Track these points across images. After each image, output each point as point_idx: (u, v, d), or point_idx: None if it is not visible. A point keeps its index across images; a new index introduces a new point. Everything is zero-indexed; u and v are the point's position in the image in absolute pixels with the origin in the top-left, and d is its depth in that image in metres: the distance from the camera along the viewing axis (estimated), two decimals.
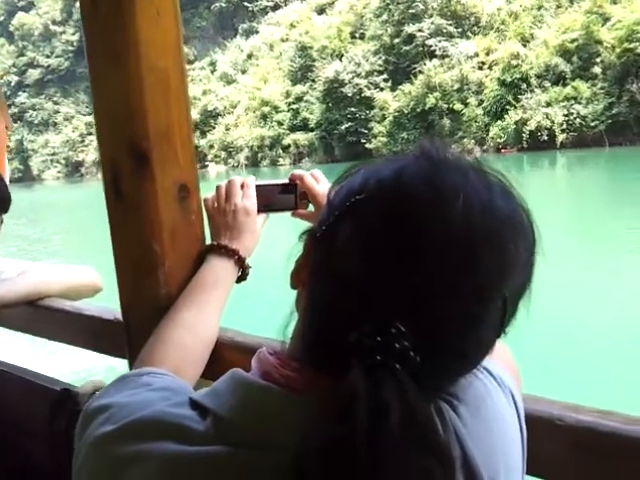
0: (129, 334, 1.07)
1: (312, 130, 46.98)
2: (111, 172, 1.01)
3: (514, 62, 36.20)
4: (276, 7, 67.52)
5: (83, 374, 5.50)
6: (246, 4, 69.61)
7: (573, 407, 0.71)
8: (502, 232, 0.51)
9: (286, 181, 1.10)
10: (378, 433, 0.43)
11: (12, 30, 77.24)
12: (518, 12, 41.27)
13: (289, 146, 48.49)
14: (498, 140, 36.10)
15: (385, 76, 44.04)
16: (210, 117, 57.32)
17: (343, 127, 43.71)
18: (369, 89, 43.71)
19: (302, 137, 47.55)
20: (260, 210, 1.07)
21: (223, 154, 55.06)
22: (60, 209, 33.29)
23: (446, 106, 39.35)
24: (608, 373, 6.07)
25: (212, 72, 64.68)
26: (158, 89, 0.97)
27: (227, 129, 55.00)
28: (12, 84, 73.68)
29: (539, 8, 40.40)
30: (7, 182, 1.50)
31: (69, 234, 21.59)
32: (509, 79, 36.17)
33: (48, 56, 75.95)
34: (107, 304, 1.24)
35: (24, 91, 73.89)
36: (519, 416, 0.62)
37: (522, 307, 0.54)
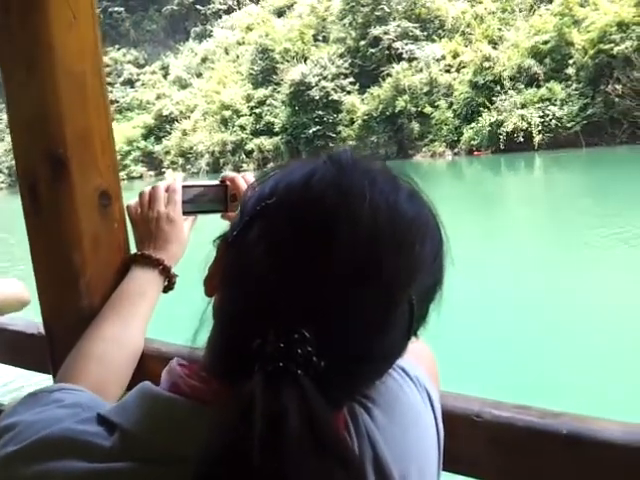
0: (52, 348, 1.03)
1: (277, 134, 45.64)
2: (27, 180, 0.97)
3: (486, 64, 36.13)
4: (229, 10, 66.21)
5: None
6: (198, 7, 67.99)
7: (492, 403, 0.74)
8: (407, 233, 0.52)
9: (216, 182, 1.07)
10: (275, 439, 0.42)
11: None
12: (483, 15, 41.42)
13: (252, 151, 46.98)
14: (472, 143, 35.85)
15: (352, 79, 43.24)
16: (165, 122, 55.18)
17: (310, 131, 42.59)
18: (336, 92, 42.80)
19: (266, 142, 46.13)
20: (187, 212, 1.04)
21: (181, 160, 52.94)
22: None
23: (415, 109, 38.93)
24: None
25: (164, 76, 62.61)
26: (74, 94, 0.95)
27: (184, 134, 52.97)
28: None
29: (504, 11, 40.67)
30: None
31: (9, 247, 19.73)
32: (481, 81, 36.02)
33: None
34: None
35: None
36: (435, 415, 0.63)
37: (433, 310, 0.55)
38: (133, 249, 1.04)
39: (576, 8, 34.57)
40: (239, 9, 64.76)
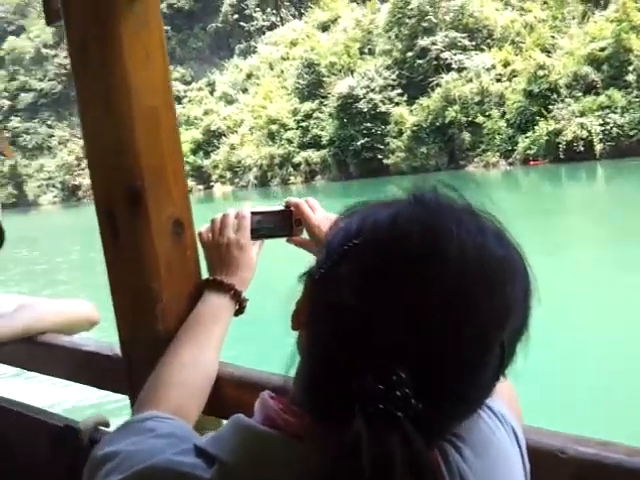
0: (129, 370, 1.08)
1: (324, 147, 45.81)
2: (106, 212, 1.02)
3: (540, 72, 35.55)
4: (272, 27, 67.08)
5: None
6: (242, 24, 69.10)
7: (576, 439, 0.72)
8: (497, 275, 0.52)
9: (281, 207, 1.11)
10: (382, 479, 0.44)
11: (2, 54, 75.70)
12: (533, 24, 40.87)
13: (300, 164, 47.29)
14: (528, 152, 35.23)
15: (399, 90, 43.12)
16: (213, 137, 56.13)
17: (358, 143, 42.60)
18: (384, 104, 42.77)
19: (314, 154, 46.39)
20: (255, 237, 1.08)
21: (228, 174, 53.75)
22: (61, 234, 31.92)
23: (465, 119, 38.54)
24: None
25: (211, 93, 63.71)
26: (149, 128, 0.99)
27: (232, 148, 53.73)
28: (4, 109, 71.98)
29: (555, 19, 40.04)
30: None
31: (71, 263, 20.15)
32: (536, 90, 35.45)
33: (41, 80, 74.48)
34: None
35: (16, 115, 72.15)
36: (521, 452, 0.64)
37: (520, 349, 0.55)
38: (204, 273, 1.08)
39: (634, 13, 33.76)
40: (282, 25, 65.57)
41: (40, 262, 20.19)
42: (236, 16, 68.69)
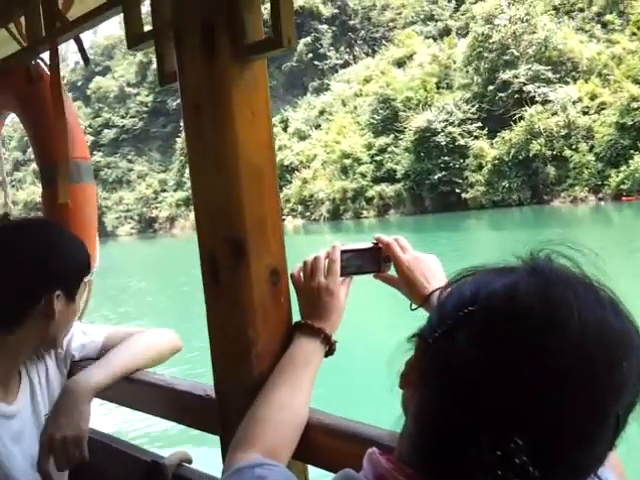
0: (222, 411, 1.12)
1: (399, 181, 45.19)
2: (209, 261, 1.08)
3: (634, 105, 33.86)
4: (345, 64, 67.98)
5: None
6: (316, 62, 70.46)
7: None
8: (616, 350, 0.52)
9: (370, 245, 1.15)
10: None
11: (89, 94, 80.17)
12: (622, 55, 39.34)
13: (373, 198, 46.77)
14: (621, 187, 33.32)
15: (479, 124, 42.26)
16: (286, 172, 56.62)
17: (435, 177, 41.75)
18: (463, 137, 41.94)
19: (388, 188, 45.79)
20: (344, 273, 1.12)
21: (300, 208, 53.88)
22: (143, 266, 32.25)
23: (550, 153, 37.07)
24: None
25: (284, 129, 64.75)
26: (254, 184, 1.05)
27: (304, 183, 54.00)
28: (88, 144, 75.47)
29: None
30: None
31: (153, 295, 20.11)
32: (629, 122, 33.74)
33: (123, 117, 78.10)
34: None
35: (99, 150, 75.73)
36: None
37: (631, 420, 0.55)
38: (295, 314, 1.12)
39: None
40: (355, 63, 66.40)
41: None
42: (310, 55, 70.18)
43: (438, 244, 21.81)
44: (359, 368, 7.90)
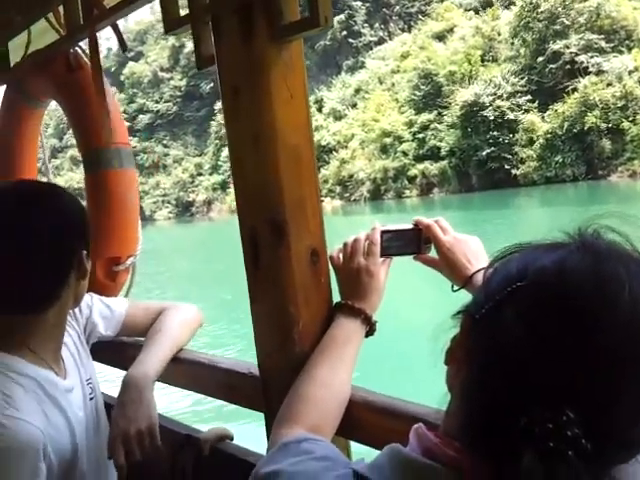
0: (266, 389, 1.15)
1: (443, 158, 43.90)
2: (250, 243, 1.11)
3: None
4: (381, 41, 66.55)
5: None
6: (350, 40, 69.09)
7: None
8: None
9: (410, 226, 1.15)
10: None
11: (123, 79, 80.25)
12: None
13: (416, 177, 45.62)
14: None
15: (529, 97, 40.65)
16: (323, 152, 55.77)
17: (483, 153, 40.36)
18: (512, 111, 40.38)
19: (431, 166, 44.56)
20: (384, 254, 1.12)
21: (338, 188, 53.04)
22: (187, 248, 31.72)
23: (606, 125, 35.42)
24: None
25: (319, 110, 63.81)
26: (292, 164, 1.06)
27: (342, 163, 53.08)
28: None
29: None
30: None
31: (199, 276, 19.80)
32: None
33: (157, 101, 78.07)
34: None
35: (135, 136, 75.77)
36: None
37: None
38: (335, 294, 1.14)
39: None
40: (390, 39, 64.87)
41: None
42: (344, 33, 68.83)
43: (492, 223, 20.90)
44: (400, 349, 7.70)
